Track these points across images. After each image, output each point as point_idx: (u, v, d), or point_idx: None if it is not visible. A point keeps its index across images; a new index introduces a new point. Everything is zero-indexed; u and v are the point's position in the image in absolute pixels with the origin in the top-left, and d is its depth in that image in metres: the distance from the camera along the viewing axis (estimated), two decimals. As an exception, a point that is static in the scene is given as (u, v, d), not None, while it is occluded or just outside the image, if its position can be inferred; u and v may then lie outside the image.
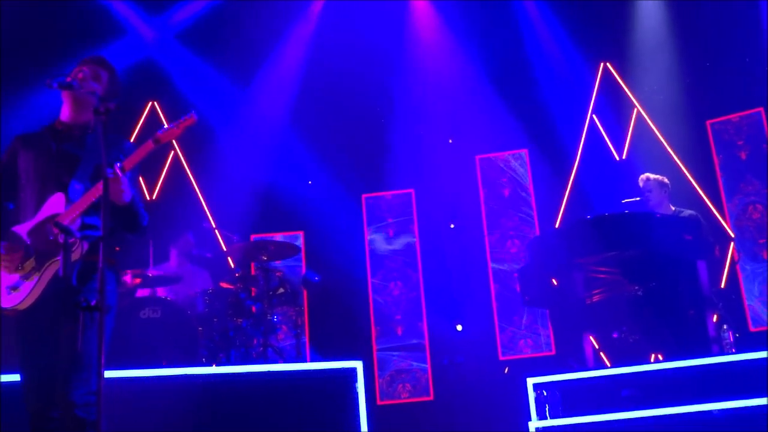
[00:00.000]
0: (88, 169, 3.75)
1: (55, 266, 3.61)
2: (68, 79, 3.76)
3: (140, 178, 4.08)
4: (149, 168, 8.77)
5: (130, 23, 9.00)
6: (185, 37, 9.23)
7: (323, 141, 9.17)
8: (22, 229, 3.74)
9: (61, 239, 3.54)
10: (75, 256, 3.59)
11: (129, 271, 6.99)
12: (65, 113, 3.92)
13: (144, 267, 7.35)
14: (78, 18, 8.34)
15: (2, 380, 4.29)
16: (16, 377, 3.79)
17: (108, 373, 3.31)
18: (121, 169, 3.57)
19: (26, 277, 3.65)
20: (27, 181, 3.82)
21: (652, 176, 7.02)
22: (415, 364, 8.76)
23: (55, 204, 3.70)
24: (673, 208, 6.93)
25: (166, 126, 3.74)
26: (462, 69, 9.06)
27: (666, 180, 7.05)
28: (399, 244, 9.17)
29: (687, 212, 6.87)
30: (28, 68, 7.76)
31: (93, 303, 3.18)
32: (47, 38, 8.13)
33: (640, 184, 7.02)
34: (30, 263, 3.66)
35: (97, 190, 3.59)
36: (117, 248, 3.99)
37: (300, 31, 9.24)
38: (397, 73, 9.16)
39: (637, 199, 6.91)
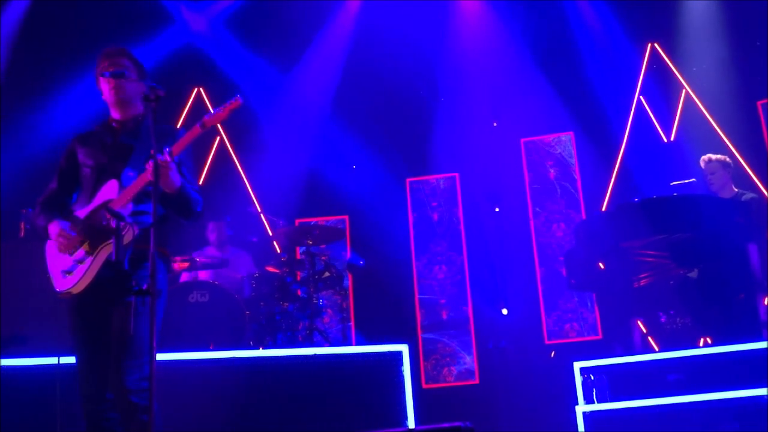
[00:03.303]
0: (141, 156, 3.81)
1: (106, 251, 3.68)
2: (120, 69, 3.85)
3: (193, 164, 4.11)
4: (195, 153, 8.86)
5: (176, 10, 9.08)
6: (230, 23, 9.28)
7: (367, 125, 9.18)
8: (79, 216, 3.83)
9: (113, 224, 3.61)
10: (126, 240, 3.64)
11: (177, 258, 7.08)
12: (114, 111, 4.01)
13: (186, 252, 7.44)
14: (124, 5, 8.42)
15: (61, 362, 4.39)
16: (71, 359, 3.87)
17: (158, 357, 3.36)
18: (170, 153, 3.62)
19: (80, 261, 3.72)
20: (85, 173, 3.92)
21: (713, 157, 6.76)
22: (460, 348, 8.76)
23: (109, 190, 3.78)
24: (736, 190, 6.74)
25: (212, 110, 3.77)
26: (507, 51, 8.98)
27: (728, 160, 6.81)
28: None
29: (749, 195, 6.71)
30: (75, 57, 7.86)
31: (144, 287, 3.23)
32: (98, 26, 8.23)
33: (702, 165, 6.77)
34: (84, 247, 3.74)
35: (147, 175, 3.65)
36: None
37: (343, 15, 9.24)
38: (441, 57, 9.12)
39: (689, 181, 6.77)
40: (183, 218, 3.97)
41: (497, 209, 9.12)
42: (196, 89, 9.39)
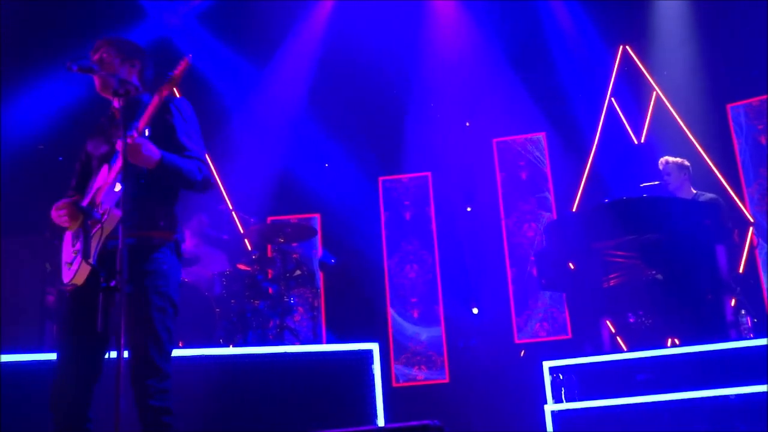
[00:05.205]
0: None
1: (93, 243, 3.54)
2: (89, 63, 3.75)
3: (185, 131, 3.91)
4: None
5: (149, 4, 8.99)
6: (203, 18, 9.21)
7: (340, 123, 9.16)
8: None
9: (97, 215, 3.51)
10: (107, 229, 3.50)
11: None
12: (113, 101, 3.89)
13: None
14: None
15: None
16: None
17: (126, 354, 3.32)
18: (137, 130, 3.48)
19: (77, 251, 3.61)
20: (94, 165, 3.81)
21: (671, 159, 6.96)
22: (430, 346, 8.78)
23: (102, 176, 3.67)
24: (694, 192, 6.87)
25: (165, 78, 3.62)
26: (480, 51, 9.00)
27: (686, 163, 6.98)
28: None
29: (707, 196, 6.82)
30: (46, 51, 7.76)
31: (113, 284, 3.15)
32: (66, 22, 8.13)
33: (660, 167, 6.96)
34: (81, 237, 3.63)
35: (118, 162, 3.52)
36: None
37: (318, 13, 9.20)
38: (415, 56, 9.12)
39: (656, 183, 6.86)
40: (187, 190, 3.81)
41: (469, 209, 9.14)
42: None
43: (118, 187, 3.53)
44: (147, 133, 3.56)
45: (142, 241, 3.62)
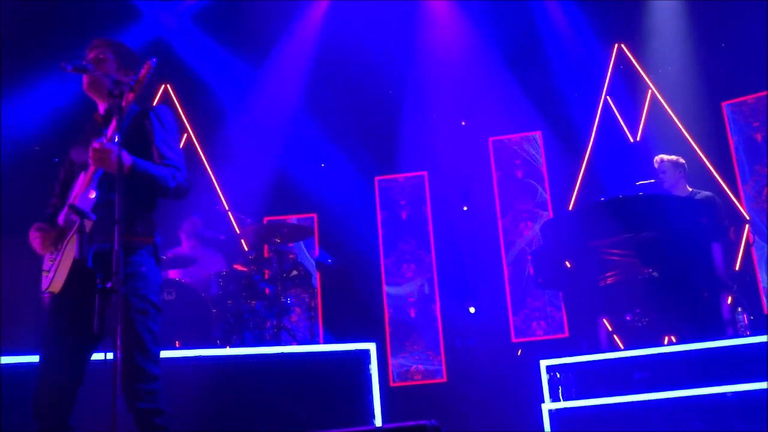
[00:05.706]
0: None
1: (70, 248, 3.56)
2: (83, 63, 3.73)
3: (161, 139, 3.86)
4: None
5: (144, 5, 8.97)
6: (199, 18, 9.19)
7: (336, 123, 9.16)
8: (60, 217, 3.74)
9: (73, 218, 3.50)
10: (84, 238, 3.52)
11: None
12: (99, 105, 3.88)
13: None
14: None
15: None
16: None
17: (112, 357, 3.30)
18: (106, 138, 3.48)
19: (52, 260, 3.62)
20: (77, 173, 3.77)
21: (665, 157, 6.97)
22: (428, 346, 8.77)
23: (79, 184, 3.67)
24: (690, 189, 6.88)
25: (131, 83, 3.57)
26: (475, 50, 9.01)
27: (681, 160, 6.99)
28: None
29: (703, 194, 6.83)
30: (46, 52, 7.74)
31: (108, 285, 3.14)
32: (64, 22, 8.12)
33: (655, 165, 6.98)
34: (59, 245, 3.63)
35: (91, 168, 3.55)
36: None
37: (313, 13, 9.20)
38: (411, 55, 9.12)
39: (652, 181, 6.87)
40: (161, 197, 3.79)
41: (465, 208, 9.14)
42: (163, 85, 9.29)
43: (92, 194, 3.56)
44: (116, 140, 3.50)
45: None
